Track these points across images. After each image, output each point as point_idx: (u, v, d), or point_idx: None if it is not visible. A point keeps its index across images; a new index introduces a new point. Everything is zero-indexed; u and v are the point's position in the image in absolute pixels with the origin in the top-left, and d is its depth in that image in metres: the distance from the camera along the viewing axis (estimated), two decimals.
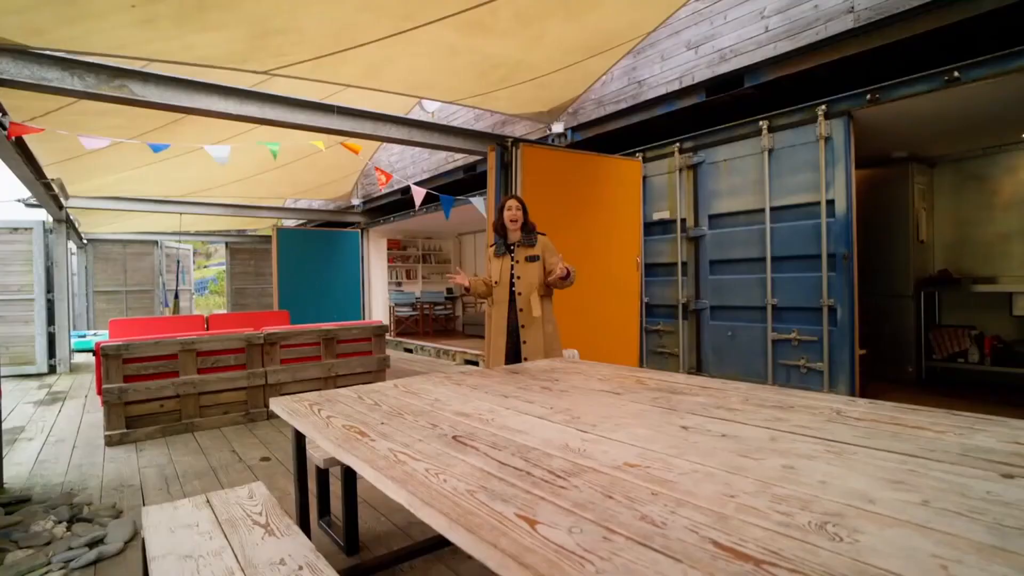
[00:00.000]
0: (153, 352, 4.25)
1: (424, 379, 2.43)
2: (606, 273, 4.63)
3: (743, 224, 4.34)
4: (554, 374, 2.49)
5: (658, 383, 2.21)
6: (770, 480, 1.12)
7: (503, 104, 4.97)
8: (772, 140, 4.10)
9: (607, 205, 4.65)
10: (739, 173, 4.35)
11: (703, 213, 4.62)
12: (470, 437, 1.49)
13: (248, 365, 4.68)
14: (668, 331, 4.91)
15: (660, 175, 4.95)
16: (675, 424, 1.57)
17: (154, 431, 4.21)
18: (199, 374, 4.46)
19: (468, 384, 2.27)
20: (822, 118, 3.79)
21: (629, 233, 4.77)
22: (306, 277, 9.84)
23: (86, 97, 3.41)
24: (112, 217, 10.02)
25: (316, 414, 1.82)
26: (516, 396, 2.01)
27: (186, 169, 7.20)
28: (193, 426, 4.39)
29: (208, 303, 22.46)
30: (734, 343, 4.40)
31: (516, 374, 2.53)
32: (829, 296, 3.79)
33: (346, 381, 5.22)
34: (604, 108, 5.38)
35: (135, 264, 13.00)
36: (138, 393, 4.16)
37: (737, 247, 4.37)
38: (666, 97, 4.81)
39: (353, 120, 4.46)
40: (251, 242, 14.71)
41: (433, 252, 12.07)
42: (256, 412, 4.68)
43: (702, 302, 4.64)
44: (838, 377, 3.78)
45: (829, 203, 3.79)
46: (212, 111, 3.81)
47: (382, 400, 2.00)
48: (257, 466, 3.49)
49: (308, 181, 9.06)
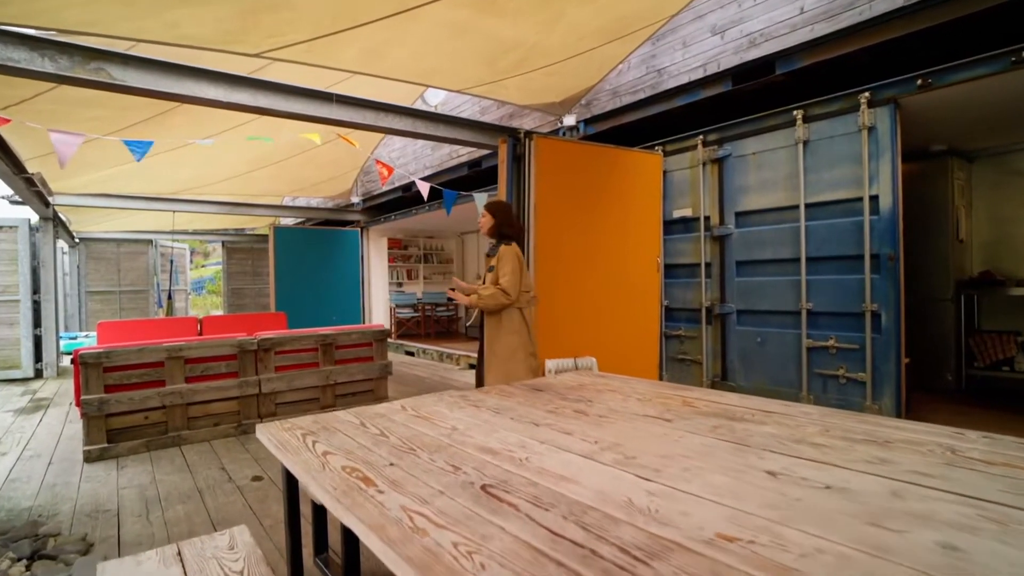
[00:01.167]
0: (137, 360, 3.93)
1: (436, 399, 2.11)
2: (623, 274, 4.32)
3: (774, 222, 4.03)
4: (584, 392, 2.18)
5: (709, 405, 1.90)
6: (936, 571, 0.81)
7: (513, 94, 4.65)
8: (807, 131, 3.79)
9: (625, 201, 4.34)
10: (770, 167, 4.03)
11: (729, 210, 4.31)
12: (504, 487, 1.17)
13: (240, 373, 4.37)
14: (690, 336, 4.60)
15: (681, 170, 4.64)
16: (757, 468, 1.26)
17: (138, 445, 3.89)
18: (187, 383, 4.14)
19: (489, 407, 1.95)
20: (865, 106, 3.48)
21: (648, 232, 4.45)
22: (304, 277, 9.52)
23: (58, 81, 3.09)
24: (104, 215, 9.69)
25: (310, 448, 1.50)
26: (548, 424, 1.70)
27: (178, 165, 6.87)
28: (180, 439, 4.07)
29: (205, 303, 22.13)
30: (763, 350, 4.09)
31: (540, 392, 2.21)
32: (872, 300, 3.48)
33: (345, 389, 4.90)
34: (620, 99, 5.06)
35: (129, 264, 12.67)
36: (120, 404, 3.84)
37: (767, 247, 4.05)
38: (688, 86, 4.49)
39: (353, 110, 4.14)
40: (248, 241, 14.39)
41: (435, 252, 11.76)
42: (248, 424, 4.36)
43: (728, 306, 4.33)
44: (882, 389, 3.47)
45: (872, 199, 3.48)
46: (199, 98, 3.49)
47: (389, 428, 1.69)
48: (248, 487, 3.18)
49: (306, 178, 8.74)
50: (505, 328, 3.22)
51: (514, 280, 3.10)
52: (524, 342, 3.27)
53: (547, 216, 3.94)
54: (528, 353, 3.31)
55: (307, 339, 4.69)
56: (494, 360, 3.33)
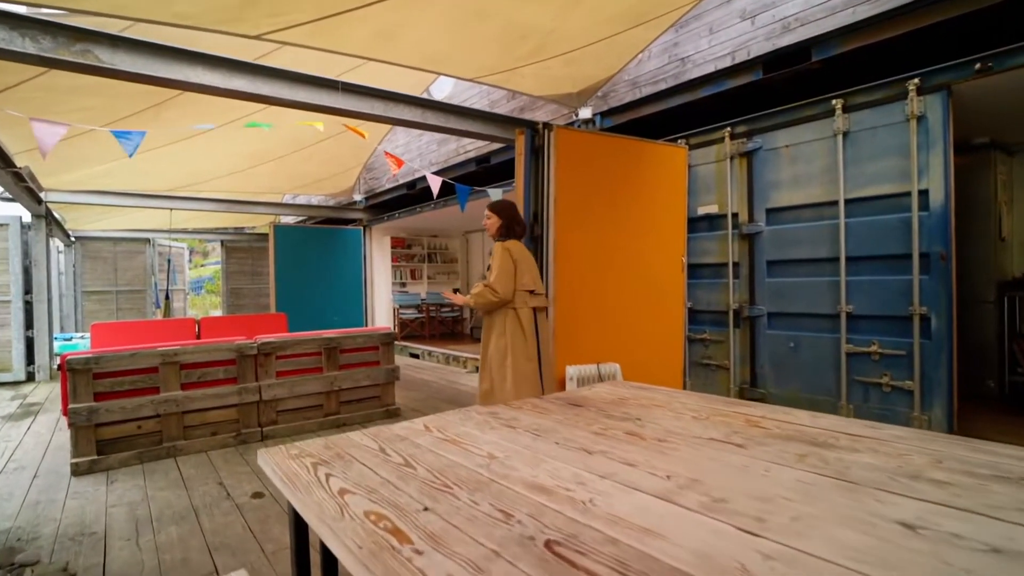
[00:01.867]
0: (129, 365, 3.68)
1: (462, 417, 1.86)
2: (647, 274, 4.06)
3: (809, 219, 3.78)
4: (628, 408, 1.92)
5: (780, 426, 1.64)
6: None
7: (528, 83, 4.40)
8: (847, 121, 3.53)
9: (649, 197, 4.09)
10: (804, 160, 3.78)
11: (759, 207, 4.06)
12: (574, 544, 0.92)
13: (239, 379, 4.11)
14: (716, 340, 4.34)
15: (706, 164, 4.39)
16: (885, 518, 1.00)
17: (129, 457, 3.63)
18: (183, 390, 3.89)
19: (526, 428, 1.70)
20: (914, 93, 3.22)
21: (673, 229, 4.20)
22: (305, 277, 9.27)
23: (40, 64, 2.83)
24: (100, 213, 9.44)
25: (324, 485, 1.25)
26: (601, 450, 1.45)
27: (175, 161, 6.62)
28: (176, 450, 3.81)
29: (204, 303, 21.88)
30: (797, 355, 3.84)
31: (579, 408, 1.96)
32: (921, 303, 3.23)
33: (350, 395, 4.65)
34: (639, 90, 4.81)
35: (126, 263, 12.41)
36: (111, 413, 3.58)
37: (802, 246, 3.80)
38: (714, 76, 4.24)
39: (360, 99, 3.89)
40: (248, 240, 14.13)
41: (439, 251, 11.50)
42: (248, 433, 4.11)
43: (758, 308, 4.08)
44: (932, 398, 3.22)
45: (922, 194, 3.22)
46: (195, 84, 3.23)
47: (415, 456, 1.43)
48: (248, 505, 2.92)
49: (307, 175, 8.49)
50: (496, 330, 3.06)
51: (503, 278, 2.94)
52: (519, 345, 3.03)
53: (567, 212, 3.69)
54: (525, 357, 3.05)
55: (310, 343, 4.44)
56: (485, 364, 3.15)
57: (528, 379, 3.07)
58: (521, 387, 3.02)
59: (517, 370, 3.00)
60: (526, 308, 3.05)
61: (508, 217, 3.15)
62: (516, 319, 3.03)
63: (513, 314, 3.04)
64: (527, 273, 3.08)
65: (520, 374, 3.01)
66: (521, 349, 3.03)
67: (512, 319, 3.03)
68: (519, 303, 3.03)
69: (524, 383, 3.03)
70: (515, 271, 3.00)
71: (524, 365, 3.05)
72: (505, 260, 2.98)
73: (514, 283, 2.98)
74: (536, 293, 3.14)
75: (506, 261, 2.98)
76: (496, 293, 2.97)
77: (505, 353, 3.00)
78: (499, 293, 2.97)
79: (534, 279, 3.13)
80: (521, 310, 3.04)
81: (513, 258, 2.99)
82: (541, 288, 3.20)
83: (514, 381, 2.98)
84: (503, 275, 2.96)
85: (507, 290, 2.97)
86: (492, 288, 2.98)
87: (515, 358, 3.01)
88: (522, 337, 3.03)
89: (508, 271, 2.97)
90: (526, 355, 3.04)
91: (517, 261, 3.01)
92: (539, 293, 3.17)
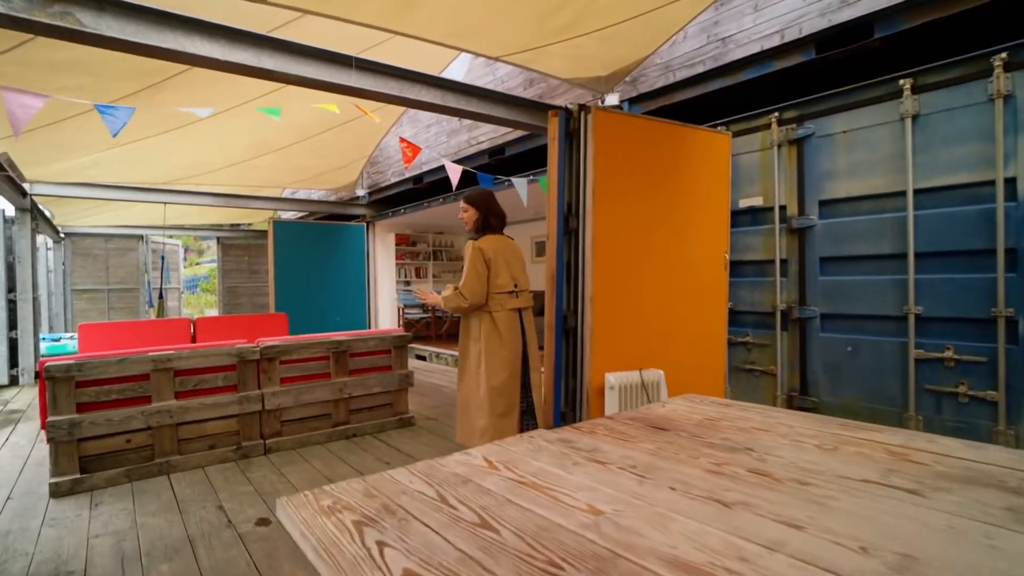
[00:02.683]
0: (117, 372, 3.30)
1: (529, 447, 1.49)
2: (689, 272, 3.71)
3: (870, 212, 3.43)
4: (724, 432, 1.57)
5: (940, 460, 1.29)
6: None
7: (557, 65, 4.05)
8: (917, 103, 3.19)
9: (691, 188, 3.74)
10: (865, 147, 3.44)
11: (811, 199, 3.71)
12: None
13: (240, 386, 3.74)
14: (760, 344, 4.00)
15: (749, 153, 4.04)
16: None
17: (117, 475, 3.26)
18: (178, 399, 3.51)
19: (618, 464, 1.33)
20: (1000, 70, 2.88)
21: (715, 223, 3.85)
22: (306, 275, 8.88)
23: (10, 26, 2.45)
24: (89, 208, 9.02)
25: (376, 560, 0.88)
26: (740, 501, 1.09)
27: (170, 151, 6.23)
28: (169, 467, 3.44)
29: (200, 302, 21.42)
30: (856, 361, 3.49)
31: (664, 432, 1.60)
32: (1006, 304, 2.89)
33: (361, 403, 4.28)
34: (673, 74, 4.46)
35: (118, 260, 11.99)
36: (96, 426, 3.20)
37: (861, 241, 3.46)
38: (759, 56, 3.89)
39: (375, 78, 3.51)
40: (245, 237, 13.72)
41: (444, 248, 11.13)
42: (250, 446, 3.74)
43: (809, 309, 3.73)
44: (1020, 411, 2.88)
45: (1008, 182, 2.88)
46: (191, 55, 2.85)
47: (490, 509, 1.07)
48: (252, 535, 2.55)
49: (309, 168, 8.11)
50: (472, 335, 2.83)
51: (471, 280, 2.71)
52: (494, 351, 2.76)
53: (606, 203, 3.33)
54: (500, 364, 2.77)
55: (317, 346, 4.06)
56: (461, 372, 2.90)
57: (502, 392, 2.79)
58: (495, 401, 2.75)
59: (491, 380, 2.75)
60: (503, 311, 2.82)
61: (484, 208, 2.92)
62: (492, 323, 2.81)
63: (488, 318, 2.81)
64: (504, 272, 2.83)
65: (493, 388, 2.76)
66: (496, 356, 2.77)
67: (487, 323, 2.81)
68: (495, 306, 2.81)
69: (498, 397, 2.76)
70: (488, 272, 2.77)
71: (498, 374, 2.79)
72: (475, 261, 2.76)
73: (485, 285, 2.77)
74: (519, 292, 2.89)
75: (476, 262, 2.76)
76: (464, 298, 2.75)
77: (479, 360, 2.78)
78: (467, 298, 2.74)
79: (515, 277, 2.91)
80: (497, 313, 2.81)
81: (486, 257, 2.78)
82: (526, 285, 2.95)
83: (488, 393, 2.74)
84: (471, 277, 2.73)
85: (475, 294, 2.75)
86: (461, 292, 2.75)
87: (489, 366, 2.77)
88: (498, 343, 2.78)
89: (478, 273, 2.75)
90: (502, 362, 2.79)
91: (491, 260, 2.79)
92: (522, 291, 2.91)
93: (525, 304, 2.93)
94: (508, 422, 2.82)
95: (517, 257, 3.00)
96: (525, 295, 2.94)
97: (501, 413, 2.78)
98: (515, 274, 2.92)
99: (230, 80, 4.23)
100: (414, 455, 3.72)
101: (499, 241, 2.92)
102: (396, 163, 8.56)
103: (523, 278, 2.95)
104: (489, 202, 2.97)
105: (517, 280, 2.93)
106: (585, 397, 3.37)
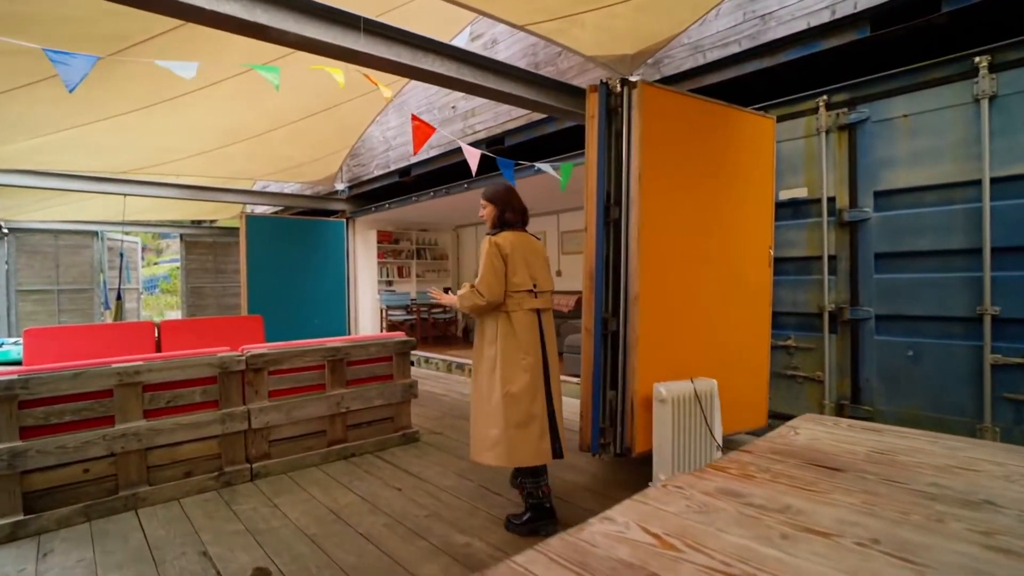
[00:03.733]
0: (72, 388, 2.73)
1: (686, 504, 1.06)
2: (736, 269, 3.36)
3: (936, 203, 3.14)
4: (920, 473, 1.18)
5: None
6: None
7: (586, 38, 3.64)
8: (995, 83, 2.90)
9: (736, 176, 3.39)
10: (930, 132, 3.14)
11: (865, 189, 3.40)
12: None
13: (222, 402, 3.19)
14: (803, 348, 3.67)
15: (792, 140, 3.71)
16: None
17: (72, 514, 2.68)
18: (147, 419, 2.95)
19: (834, 529, 0.92)
20: None
21: (759, 215, 3.51)
22: (281, 275, 8.24)
23: None
24: (39, 200, 8.17)
25: None
26: None
27: (132, 135, 5.57)
28: (137, 500, 2.87)
29: (160, 303, 20.21)
30: (918, 367, 3.19)
31: (834, 471, 1.20)
32: None
33: (359, 418, 3.77)
34: (703, 55, 4.11)
35: (70, 259, 11.02)
36: (45, 455, 2.63)
37: (926, 235, 3.16)
38: (805, 35, 3.57)
39: (384, 44, 3.04)
40: (211, 235, 12.86)
41: (428, 246, 10.60)
42: (234, 472, 3.20)
43: (863, 310, 3.42)
44: None
45: None
46: (171, 2, 2.33)
47: None
48: None
49: (286, 158, 7.49)
50: (487, 336, 2.65)
51: (488, 278, 2.56)
52: (510, 354, 2.57)
53: (654, 190, 2.94)
54: (519, 365, 2.57)
55: (311, 354, 3.54)
56: (474, 375, 2.71)
57: (519, 400, 2.54)
58: (511, 409, 2.53)
59: (506, 386, 2.55)
60: (521, 311, 2.62)
61: (501, 203, 2.76)
62: (508, 324, 2.62)
63: (505, 318, 2.62)
64: (522, 269, 2.64)
65: (509, 395, 2.54)
66: (513, 359, 2.57)
67: (504, 324, 2.62)
68: (512, 306, 2.62)
69: (514, 404, 2.53)
70: (505, 269, 2.61)
71: (515, 379, 2.56)
72: (491, 257, 2.59)
73: (503, 283, 2.60)
74: (539, 292, 2.69)
75: (492, 258, 2.59)
76: (480, 296, 2.57)
77: (493, 364, 2.59)
78: (483, 296, 2.57)
79: (534, 275, 2.69)
80: (514, 313, 2.62)
81: (502, 253, 2.62)
82: (547, 285, 2.75)
83: (503, 400, 2.53)
84: (488, 274, 2.57)
85: (493, 292, 2.57)
86: (477, 290, 2.58)
87: (504, 371, 2.56)
88: (515, 345, 2.59)
89: (494, 269, 2.58)
90: (519, 366, 2.57)
91: (508, 256, 2.62)
92: (543, 292, 2.71)
93: (545, 305, 2.72)
94: (526, 435, 2.53)
95: (538, 255, 2.78)
96: (545, 296, 2.73)
97: (518, 423, 2.53)
98: (534, 272, 2.70)
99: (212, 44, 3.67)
100: (427, 477, 3.25)
101: (518, 237, 2.71)
102: (380, 155, 8.02)
103: (543, 277, 2.75)
104: (505, 197, 2.78)
105: (537, 279, 2.70)
106: (629, 411, 2.97)
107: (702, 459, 2.89)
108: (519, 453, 2.51)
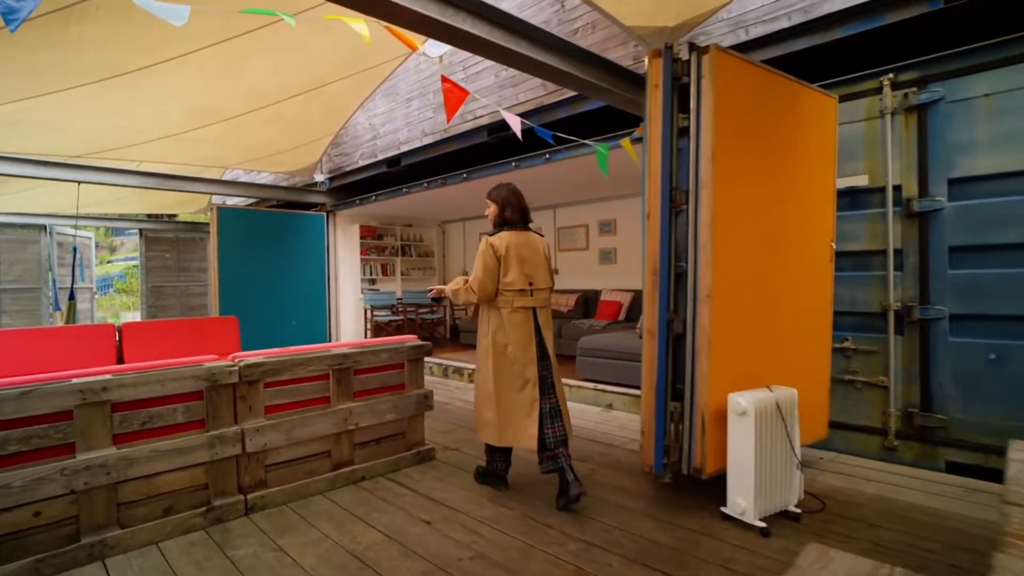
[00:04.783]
0: (18, 410, 2.15)
1: None
2: (803, 263, 3.01)
3: (1021, 192, 2.85)
4: None
5: None
6: None
7: (627, 5, 3.23)
8: None
9: (803, 160, 3.03)
10: (1016, 113, 2.86)
11: (937, 177, 3.10)
12: None
13: (209, 422, 2.65)
14: (864, 350, 3.36)
15: (851, 123, 3.39)
16: None
17: (21, 571, 2.10)
18: (117, 445, 2.39)
19: None
20: None
21: (821, 205, 3.17)
22: (256, 272, 7.58)
23: None
24: None
25: None
26: None
27: (90, 110, 4.88)
28: (105, 548, 2.31)
29: (115, 304, 18.89)
30: (1001, 371, 2.91)
31: None
32: None
33: (367, 435, 3.27)
34: (745, 31, 3.76)
35: (14, 255, 10.00)
36: None
37: (1011, 226, 2.87)
38: (866, 7, 3.24)
39: None
40: (173, 230, 11.95)
41: (413, 243, 10.03)
42: (225, 505, 2.65)
43: (935, 309, 3.12)
44: None
45: None
46: None
47: None
48: None
49: (262, 145, 6.84)
50: (482, 330, 2.95)
51: (480, 276, 2.79)
52: (500, 346, 2.80)
53: (728, 175, 2.55)
54: (507, 359, 2.79)
55: (315, 362, 3.02)
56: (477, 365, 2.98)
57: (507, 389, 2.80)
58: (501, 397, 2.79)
59: (497, 377, 2.81)
60: (511, 308, 2.81)
61: (501, 202, 2.90)
62: (499, 320, 2.83)
63: (497, 314, 2.85)
64: (515, 269, 2.79)
65: (499, 385, 2.81)
66: (502, 353, 2.81)
67: (495, 319, 2.85)
68: (503, 303, 2.82)
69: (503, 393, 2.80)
70: (498, 267, 2.79)
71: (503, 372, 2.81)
72: (485, 256, 2.80)
73: (495, 281, 2.81)
74: (535, 290, 2.84)
75: (487, 258, 2.80)
76: (474, 292, 2.83)
77: (487, 355, 2.86)
78: (476, 292, 2.82)
79: (530, 273, 2.83)
80: (505, 310, 2.82)
81: (496, 254, 2.79)
82: (544, 282, 2.88)
83: (495, 389, 2.81)
84: (479, 272, 2.81)
85: (485, 289, 2.81)
86: (471, 286, 2.84)
87: (496, 363, 2.82)
88: (504, 340, 2.80)
89: (486, 267, 2.79)
90: (507, 359, 2.80)
91: (504, 256, 2.78)
92: (539, 289, 2.85)
93: (540, 303, 2.87)
94: (516, 421, 2.78)
95: (536, 253, 2.89)
96: (541, 294, 2.87)
97: (507, 411, 2.80)
98: (530, 271, 2.83)
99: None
100: (457, 506, 2.78)
101: (516, 236, 2.85)
102: (367, 143, 7.45)
103: (541, 275, 2.88)
104: (505, 194, 2.92)
105: (533, 277, 2.84)
106: (698, 426, 2.57)
107: (781, 480, 2.51)
108: (507, 435, 2.77)
